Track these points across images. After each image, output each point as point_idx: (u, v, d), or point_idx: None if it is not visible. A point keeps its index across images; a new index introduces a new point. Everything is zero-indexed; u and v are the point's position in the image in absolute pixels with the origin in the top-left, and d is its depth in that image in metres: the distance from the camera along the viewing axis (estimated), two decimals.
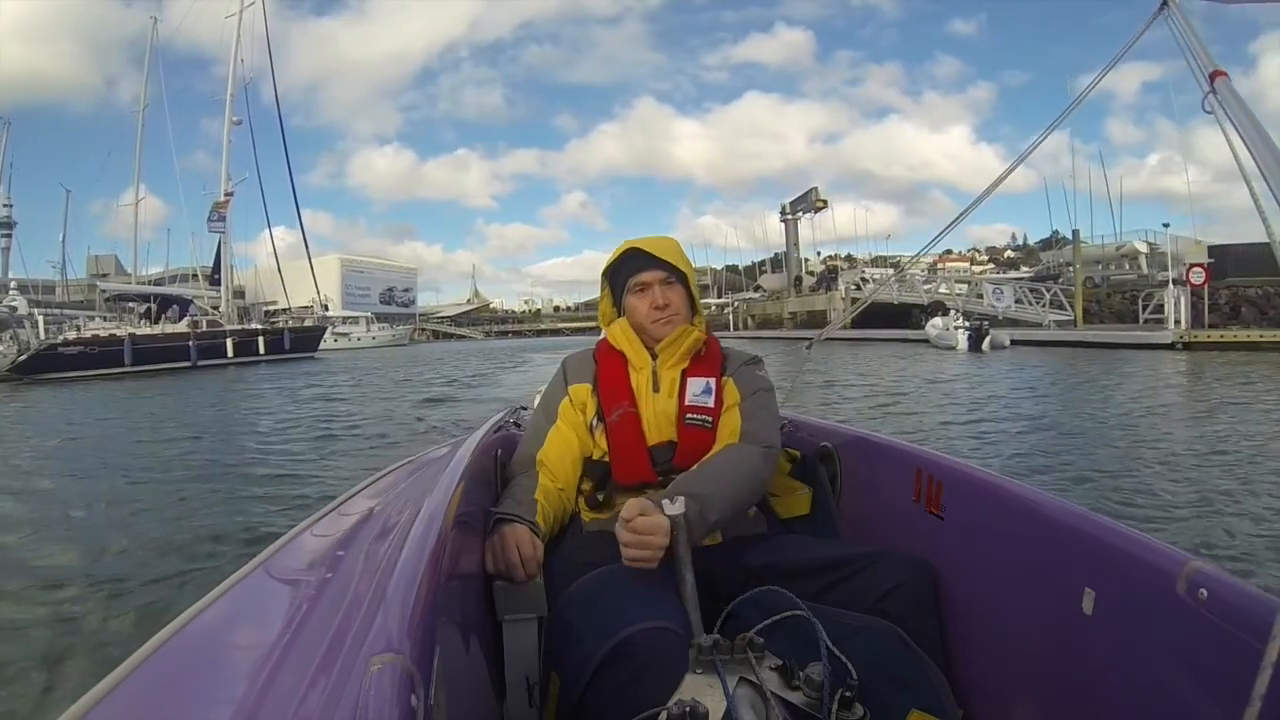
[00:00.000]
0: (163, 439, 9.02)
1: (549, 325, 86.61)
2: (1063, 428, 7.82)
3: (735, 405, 1.49)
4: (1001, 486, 1.21)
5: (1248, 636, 0.73)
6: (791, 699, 1.00)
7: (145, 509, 5.18)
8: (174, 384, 20.23)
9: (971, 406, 9.79)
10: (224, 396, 16.07)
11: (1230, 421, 7.90)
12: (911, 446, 1.55)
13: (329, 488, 5.46)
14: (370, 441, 8.32)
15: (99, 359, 25.83)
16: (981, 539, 1.23)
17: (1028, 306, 28.68)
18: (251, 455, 7.54)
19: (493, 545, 1.25)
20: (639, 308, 1.55)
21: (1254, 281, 23.84)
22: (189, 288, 36.13)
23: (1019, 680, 1.11)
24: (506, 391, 13.09)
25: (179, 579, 3.65)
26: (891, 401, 10.83)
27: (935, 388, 12.59)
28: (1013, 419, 8.53)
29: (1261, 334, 19.77)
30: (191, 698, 0.65)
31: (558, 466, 1.48)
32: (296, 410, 12.11)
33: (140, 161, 37.64)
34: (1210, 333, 20.26)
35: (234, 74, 36.68)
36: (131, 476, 6.54)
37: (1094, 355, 18.66)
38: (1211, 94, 1.28)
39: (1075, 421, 8.32)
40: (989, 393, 11.44)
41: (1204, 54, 1.34)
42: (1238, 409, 8.86)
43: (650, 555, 1.14)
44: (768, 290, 54.42)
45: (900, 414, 9.44)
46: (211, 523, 4.72)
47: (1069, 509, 1.07)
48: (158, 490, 5.81)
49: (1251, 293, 23.86)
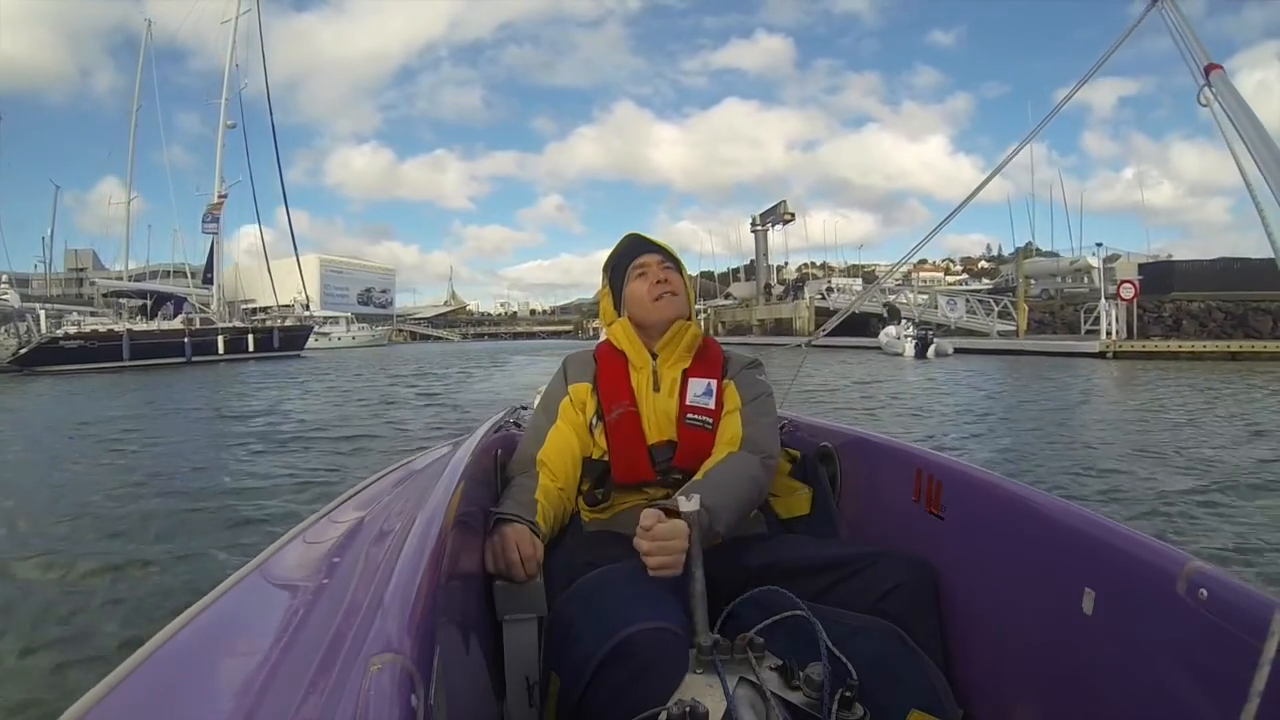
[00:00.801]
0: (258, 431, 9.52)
1: (525, 328, 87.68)
2: (964, 416, 9.48)
3: (736, 410, 1.49)
4: (1001, 486, 1.21)
5: (1247, 636, 0.73)
6: (791, 699, 1.01)
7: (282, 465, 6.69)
8: (179, 377, 21.25)
9: (885, 402, 11.38)
10: (260, 387, 17.03)
11: (1105, 410, 9.99)
12: (911, 446, 1.55)
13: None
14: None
15: (98, 353, 26.71)
16: (981, 539, 1.22)
17: (979, 317, 30.85)
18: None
19: (493, 545, 1.25)
20: (639, 290, 1.56)
21: (1197, 296, 26.33)
22: (179, 285, 36.85)
23: (1019, 680, 1.10)
24: (505, 388, 14.26)
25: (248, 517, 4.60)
26: (818, 392, 12.39)
27: (862, 387, 13.89)
28: (917, 410, 10.28)
29: (1179, 344, 22.04)
30: (191, 698, 0.65)
31: (558, 466, 1.47)
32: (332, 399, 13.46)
33: (134, 160, 38.05)
34: (1135, 343, 22.38)
35: (228, 78, 37.52)
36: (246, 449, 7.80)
37: (1029, 362, 20.17)
38: (1207, 87, 1.26)
39: (977, 410, 9.97)
40: (906, 389, 13.40)
41: (1199, 47, 1.32)
42: (1112, 403, 10.98)
43: (674, 560, 1.13)
44: (738, 298, 56.47)
45: (815, 403, 10.73)
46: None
47: (1069, 509, 1.06)
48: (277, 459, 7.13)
49: (1194, 307, 26.17)
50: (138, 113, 38.23)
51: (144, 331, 29.71)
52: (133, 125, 38.04)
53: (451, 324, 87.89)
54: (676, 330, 1.55)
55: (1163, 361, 19.69)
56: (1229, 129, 1.20)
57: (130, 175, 38.87)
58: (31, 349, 25.87)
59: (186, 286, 35.91)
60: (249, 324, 35.24)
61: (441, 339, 76.89)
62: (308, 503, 4.82)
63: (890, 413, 10.10)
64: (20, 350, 25.77)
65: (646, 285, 1.56)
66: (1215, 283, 26.98)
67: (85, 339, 27.29)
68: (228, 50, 37.31)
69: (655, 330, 1.56)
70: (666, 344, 1.55)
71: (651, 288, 1.55)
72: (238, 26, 37.45)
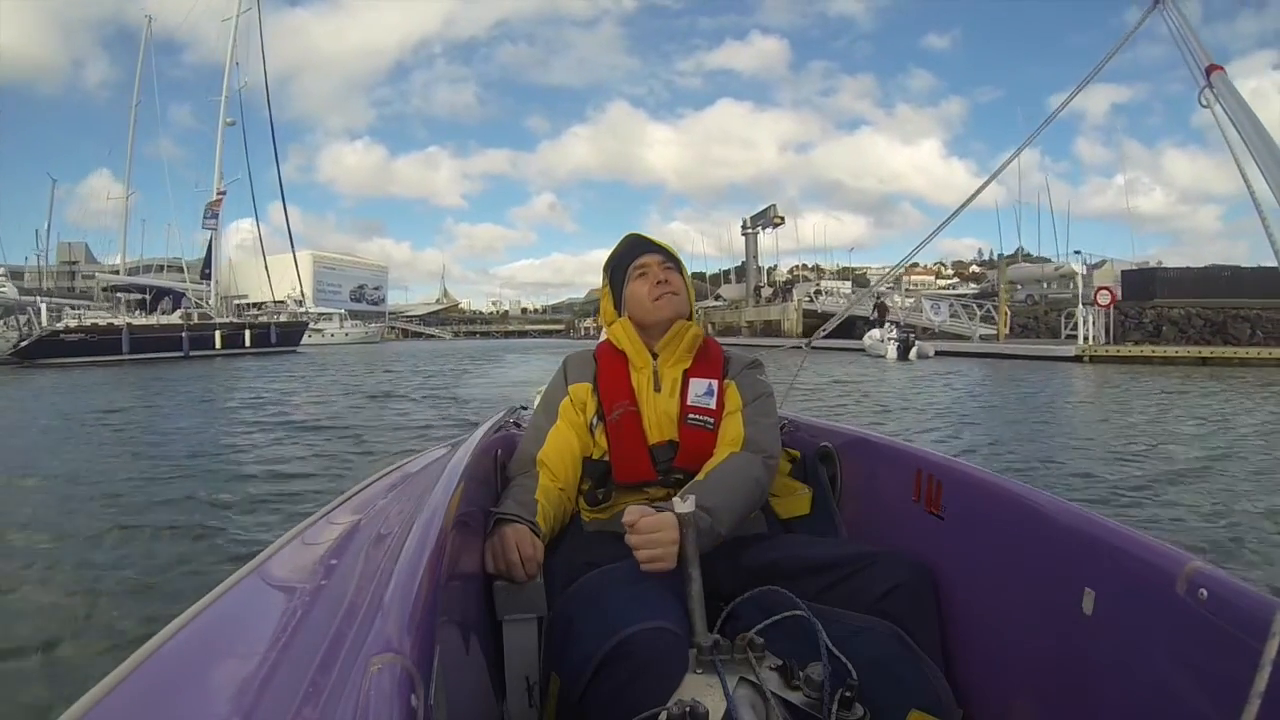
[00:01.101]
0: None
1: (516, 327, 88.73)
2: (931, 409, 10.30)
3: (738, 410, 1.49)
4: (1001, 486, 1.22)
5: (1248, 637, 0.73)
6: (791, 699, 1.02)
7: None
8: (189, 371, 22.14)
9: (858, 399, 12.08)
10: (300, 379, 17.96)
11: (1069, 410, 10.79)
12: (911, 446, 1.55)
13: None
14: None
15: (98, 346, 27.40)
16: (981, 539, 1.22)
17: (962, 321, 31.66)
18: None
19: (493, 545, 1.25)
20: (639, 290, 1.56)
21: (1179, 303, 26.81)
22: (174, 279, 37.51)
23: (1019, 680, 1.11)
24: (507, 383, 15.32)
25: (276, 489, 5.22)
26: (798, 389, 13.24)
27: (840, 385, 14.52)
28: (882, 406, 11.06)
29: (1153, 350, 22.80)
30: (191, 698, 0.65)
31: (558, 466, 1.47)
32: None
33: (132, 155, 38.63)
34: (1111, 348, 23.08)
35: (228, 77, 38.91)
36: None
37: (1008, 365, 20.81)
38: (1208, 88, 1.26)
39: (944, 406, 10.77)
40: (881, 389, 13.94)
41: (1200, 48, 1.32)
42: (1081, 403, 11.80)
43: (663, 554, 1.13)
44: (727, 299, 57.65)
45: (796, 400, 11.76)
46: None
47: (1069, 509, 1.07)
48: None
49: (1175, 313, 26.68)
50: (137, 108, 39.04)
51: (143, 326, 30.70)
52: (132, 120, 39.25)
53: (444, 322, 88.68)
54: (677, 330, 1.55)
55: (1138, 366, 20.45)
56: (1230, 130, 1.20)
57: (129, 170, 39.77)
58: (32, 342, 26.51)
59: (183, 281, 36.37)
60: (243, 319, 35.96)
61: (434, 337, 77.66)
62: (324, 486, 5.32)
63: (863, 408, 10.80)
64: (21, 343, 26.35)
65: (647, 285, 1.56)
66: (1197, 290, 27.83)
67: (85, 332, 27.94)
68: (228, 48, 38.72)
69: (656, 330, 1.56)
70: (667, 344, 1.55)
71: (652, 288, 1.55)
72: (238, 25, 38.36)
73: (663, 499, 1.39)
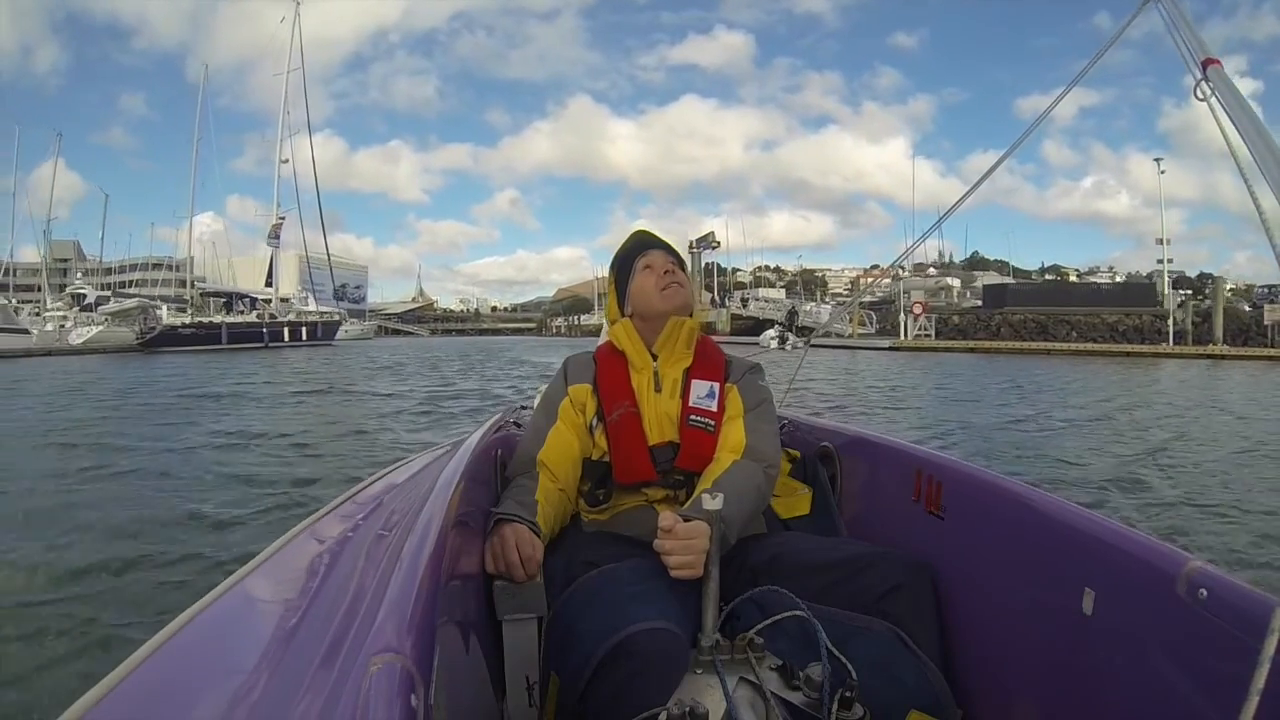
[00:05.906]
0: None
1: (489, 325, 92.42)
2: (773, 366, 17.41)
3: (739, 416, 1.49)
4: (1001, 486, 1.22)
5: (1247, 636, 0.73)
6: (791, 699, 1.01)
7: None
8: (272, 356, 28.97)
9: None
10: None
11: (850, 378, 16.74)
12: (911, 446, 1.55)
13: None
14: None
15: (203, 338, 36.79)
16: (981, 539, 1.22)
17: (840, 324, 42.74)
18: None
19: (493, 545, 1.24)
20: (646, 283, 1.57)
21: (1022, 310, 38.02)
22: (248, 287, 48.67)
23: (1019, 680, 1.11)
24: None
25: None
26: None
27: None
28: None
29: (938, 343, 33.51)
30: (191, 697, 0.65)
31: (558, 467, 1.47)
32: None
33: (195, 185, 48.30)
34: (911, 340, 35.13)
35: (282, 123, 48.93)
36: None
37: (845, 352, 29.74)
38: (1204, 81, 1.25)
39: (787, 367, 17.88)
40: (758, 357, 21.69)
41: (1196, 41, 1.31)
42: (863, 373, 18.01)
43: (694, 561, 1.12)
44: None
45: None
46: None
47: (1069, 509, 1.07)
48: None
49: (1016, 319, 37.58)
50: (199, 143, 48.86)
51: (234, 322, 40.25)
52: (194, 155, 48.42)
53: (420, 319, 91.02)
54: (673, 326, 1.54)
55: (930, 355, 29.50)
56: (1227, 124, 1.19)
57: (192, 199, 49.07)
58: (156, 334, 35.65)
59: (257, 289, 47.23)
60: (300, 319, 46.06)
61: (413, 334, 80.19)
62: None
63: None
64: (145, 335, 35.42)
65: (654, 277, 1.57)
66: (1038, 299, 39.19)
67: (195, 327, 37.75)
68: (280, 99, 48.52)
69: (658, 324, 1.55)
70: (665, 341, 1.54)
71: (659, 278, 1.56)
72: (289, 80, 48.83)
73: (662, 500, 1.44)
